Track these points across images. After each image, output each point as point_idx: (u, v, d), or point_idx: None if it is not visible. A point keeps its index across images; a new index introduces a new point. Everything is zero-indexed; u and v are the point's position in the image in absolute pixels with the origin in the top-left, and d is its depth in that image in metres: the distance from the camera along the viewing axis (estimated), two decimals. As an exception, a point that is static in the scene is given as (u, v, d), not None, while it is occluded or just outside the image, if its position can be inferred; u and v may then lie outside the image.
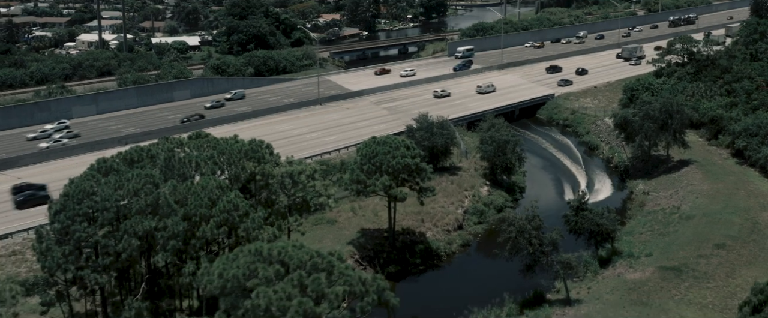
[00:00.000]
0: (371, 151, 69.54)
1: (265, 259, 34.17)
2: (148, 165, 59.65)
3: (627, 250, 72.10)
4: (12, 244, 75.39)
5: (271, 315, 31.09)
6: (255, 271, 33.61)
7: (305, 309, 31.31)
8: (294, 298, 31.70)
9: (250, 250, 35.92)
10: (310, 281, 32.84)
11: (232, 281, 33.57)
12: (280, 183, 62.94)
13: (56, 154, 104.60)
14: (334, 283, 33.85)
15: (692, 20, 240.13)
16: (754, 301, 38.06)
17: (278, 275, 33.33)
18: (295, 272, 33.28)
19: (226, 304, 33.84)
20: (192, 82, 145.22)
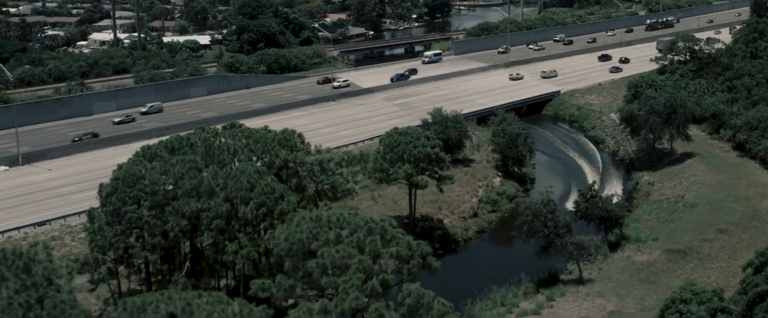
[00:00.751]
0: (393, 141, 73.67)
1: (325, 225, 38.30)
2: (188, 152, 63.74)
3: (634, 235, 76.22)
4: (50, 230, 79.50)
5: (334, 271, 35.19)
6: (317, 235, 37.67)
7: (364, 266, 35.35)
8: (354, 257, 35.83)
9: (310, 217, 40.04)
10: (368, 242, 36.94)
11: (297, 244, 37.62)
12: (309, 170, 67.04)
13: (82, 148, 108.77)
14: (387, 244, 37.95)
15: (671, 23, 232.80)
16: (756, 263, 42.05)
17: (338, 238, 37.42)
18: (354, 235, 37.42)
19: (291, 265, 37.92)
20: (207, 79, 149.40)
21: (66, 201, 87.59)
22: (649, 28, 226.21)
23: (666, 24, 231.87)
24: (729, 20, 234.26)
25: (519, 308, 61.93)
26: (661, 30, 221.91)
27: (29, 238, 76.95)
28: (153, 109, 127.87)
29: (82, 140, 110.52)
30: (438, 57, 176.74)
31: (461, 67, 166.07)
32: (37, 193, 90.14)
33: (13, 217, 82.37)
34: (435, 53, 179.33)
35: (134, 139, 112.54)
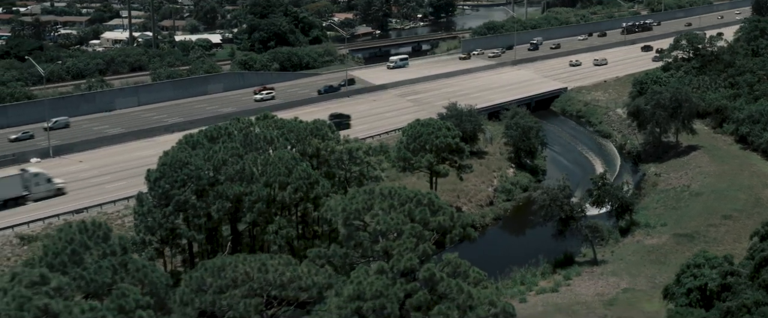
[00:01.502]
0: (416, 132, 77.90)
1: (378, 196, 42.43)
2: (226, 141, 67.86)
3: (644, 221, 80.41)
4: (88, 217, 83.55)
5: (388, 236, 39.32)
6: (371, 205, 41.77)
7: (417, 232, 39.44)
8: (406, 224, 39.92)
9: (364, 190, 44.15)
10: (418, 212, 41.08)
11: (353, 214, 41.75)
12: (339, 158, 71.22)
13: (108, 141, 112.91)
14: (435, 213, 42.07)
15: (648, 26, 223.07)
16: (762, 232, 46.07)
17: (391, 207, 41.53)
18: (405, 205, 41.56)
19: (346, 233, 42.03)
20: (224, 76, 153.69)
21: (100, 190, 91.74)
22: (625, 31, 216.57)
23: (644, 27, 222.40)
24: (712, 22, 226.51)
25: (538, 286, 66.08)
26: (638, 33, 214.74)
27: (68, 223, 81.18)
28: (58, 125, 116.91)
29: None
30: (404, 61, 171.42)
31: (469, 65, 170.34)
32: (72, 183, 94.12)
33: (52, 206, 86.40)
34: (401, 58, 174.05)
35: (158, 132, 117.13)
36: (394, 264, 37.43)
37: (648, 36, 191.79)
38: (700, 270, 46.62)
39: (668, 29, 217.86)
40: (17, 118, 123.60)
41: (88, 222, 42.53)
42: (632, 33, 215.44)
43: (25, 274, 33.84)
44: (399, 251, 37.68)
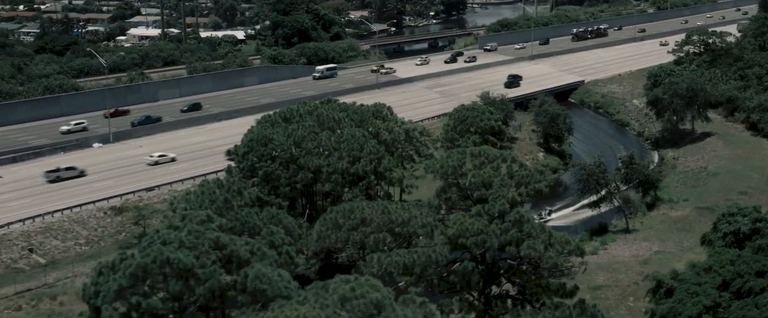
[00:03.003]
0: (462, 116, 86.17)
1: (469, 156, 50.57)
2: (298, 121, 76.05)
3: (667, 197, 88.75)
4: (160, 193, 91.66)
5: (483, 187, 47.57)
6: (464, 163, 49.89)
7: (505, 183, 47.60)
8: (496, 177, 48.01)
9: (458, 151, 52.34)
10: (505, 167, 49.24)
11: (450, 169, 49.87)
12: (396, 137, 79.48)
13: (162, 128, 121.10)
14: (521, 168, 50.26)
15: (603, 32, 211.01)
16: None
17: (482, 164, 49.62)
18: (494, 162, 49.64)
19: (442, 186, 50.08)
20: (258, 69, 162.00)
21: (164, 170, 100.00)
22: (576, 38, 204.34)
23: (597, 33, 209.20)
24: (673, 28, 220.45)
25: (578, 251, 74.28)
26: (591, 39, 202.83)
27: (144, 200, 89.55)
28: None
29: None
30: (331, 72, 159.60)
31: (487, 60, 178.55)
32: (137, 165, 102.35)
33: (123, 185, 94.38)
34: (328, 67, 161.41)
35: (205, 121, 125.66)
36: (489, 208, 45.59)
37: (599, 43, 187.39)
38: (734, 217, 54.84)
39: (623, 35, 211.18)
40: (69, 107, 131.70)
41: (223, 179, 50.66)
42: (583, 39, 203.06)
43: (194, 215, 41.94)
44: (493, 198, 45.86)
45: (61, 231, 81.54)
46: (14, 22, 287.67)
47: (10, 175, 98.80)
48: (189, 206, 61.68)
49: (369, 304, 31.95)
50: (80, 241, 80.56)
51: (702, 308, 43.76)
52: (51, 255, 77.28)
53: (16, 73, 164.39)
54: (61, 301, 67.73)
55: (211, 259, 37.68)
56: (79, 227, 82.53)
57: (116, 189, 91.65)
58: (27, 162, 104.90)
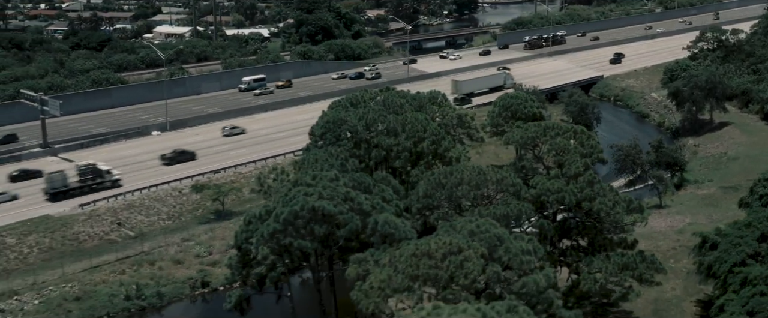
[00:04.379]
0: (506, 103, 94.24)
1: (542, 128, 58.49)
2: (363, 105, 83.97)
3: (693, 178, 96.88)
4: (226, 175, 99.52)
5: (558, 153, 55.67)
6: (538, 136, 57.88)
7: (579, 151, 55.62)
8: (570, 145, 56.10)
9: (534, 125, 60.37)
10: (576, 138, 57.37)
11: (528, 139, 57.95)
12: (450, 122, 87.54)
13: (213, 118, 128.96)
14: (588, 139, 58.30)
15: (560, 40, 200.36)
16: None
17: (557, 135, 57.66)
18: (566, 133, 57.75)
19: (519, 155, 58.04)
20: (291, 64, 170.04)
21: (224, 156, 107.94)
22: (529, 46, 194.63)
23: (555, 41, 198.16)
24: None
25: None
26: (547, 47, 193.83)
27: (212, 180, 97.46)
28: None
29: None
30: (260, 83, 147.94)
31: (507, 57, 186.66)
32: (202, 150, 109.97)
33: (188, 169, 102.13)
34: (255, 79, 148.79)
35: (252, 111, 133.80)
36: (565, 171, 53.59)
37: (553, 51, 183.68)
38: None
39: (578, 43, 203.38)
40: (119, 99, 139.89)
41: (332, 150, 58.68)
42: (537, 47, 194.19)
43: (324, 175, 49.96)
44: (568, 162, 53.87)
45: (143, 207, 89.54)
46: (39, 20, 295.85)
47: (82, 160, 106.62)
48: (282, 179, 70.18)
49: (492, 237, 39.94)
50: (162, 216, 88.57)
51: (745, 255, 51.62)
52: (138, 228, 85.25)
53: (59, 68, 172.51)
54: (159, 266, 75.79)
55: (346, 208, 45.68)
56: (158, 204, 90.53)
57: (185, 171, 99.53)
58: (94, 148, 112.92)
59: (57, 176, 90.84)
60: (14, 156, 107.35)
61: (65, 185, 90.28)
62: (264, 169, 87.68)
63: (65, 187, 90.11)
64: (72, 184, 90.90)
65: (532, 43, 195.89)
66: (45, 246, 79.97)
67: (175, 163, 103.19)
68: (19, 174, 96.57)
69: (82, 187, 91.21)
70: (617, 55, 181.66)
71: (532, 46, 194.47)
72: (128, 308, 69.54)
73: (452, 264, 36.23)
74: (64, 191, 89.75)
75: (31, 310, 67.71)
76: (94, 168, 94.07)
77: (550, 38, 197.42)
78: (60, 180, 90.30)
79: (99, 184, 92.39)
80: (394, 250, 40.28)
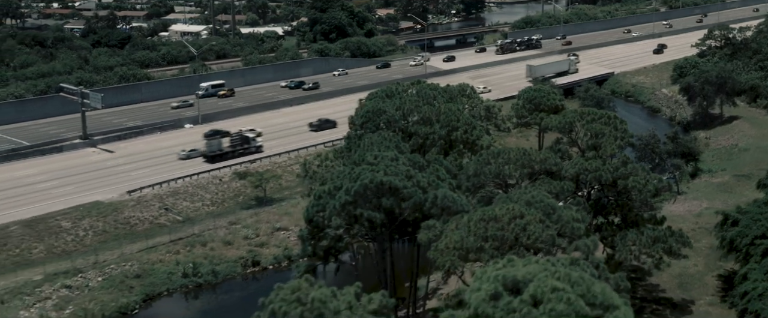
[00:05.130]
0: (530, 96, 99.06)
1: (579, 114, 63.65)
2: (397, 97, 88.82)
3: (706, 168, 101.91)
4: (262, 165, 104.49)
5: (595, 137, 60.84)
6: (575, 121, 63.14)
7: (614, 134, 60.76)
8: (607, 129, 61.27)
9: (572, 111, 65.39)
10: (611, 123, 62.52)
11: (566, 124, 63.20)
12: (478, 113, 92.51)
13: (241, 112, 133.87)
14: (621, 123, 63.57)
15: (535, 44, 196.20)
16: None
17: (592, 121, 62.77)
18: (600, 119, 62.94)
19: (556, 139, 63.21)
20: (311, 61, 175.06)
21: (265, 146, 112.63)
22: (502, 50, 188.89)
23: (529, 45, 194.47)
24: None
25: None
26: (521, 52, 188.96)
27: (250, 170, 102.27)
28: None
29: None
30: (216, 89, 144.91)
31: (522, 54, 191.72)
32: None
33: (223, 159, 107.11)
34: (213, 85, 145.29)
35: (280, 106, 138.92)
36: (601, 152, 58.67)
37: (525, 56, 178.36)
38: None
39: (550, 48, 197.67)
40: (148, 94, 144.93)
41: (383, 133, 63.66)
42: (510, 51, 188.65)
43: (385, 155, 54.93)
44: (604, 144, 58.99)
45: (187, 194, 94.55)
46: (53, 19, 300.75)
47: (121, 151, 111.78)
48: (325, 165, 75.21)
49: (546, 206, 44.97)
50: (206, 202, 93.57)
51: (765, 229, 56.62)
52: (185, 213, 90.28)
53: (83, 64, 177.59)
54: (210, 247, 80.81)
55: (409, 183, 50.72)
56: (201, 191, 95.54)
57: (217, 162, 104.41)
58: (131, 140, 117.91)
59: (214, 142, 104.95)
60: (56, 147, 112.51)
61: (220, 149, 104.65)
62: (308, 157, 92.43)
63: (220, 151, 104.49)
64: (225, 149, 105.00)
65: (504, 47, 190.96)
66: (99, 229, 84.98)
67: (321, 130, 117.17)
68: (212, 134, 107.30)
69: (233, 151, 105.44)
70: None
71: (504, 50, 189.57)
72: (186, 285, 74.56)
73: (517, 227, 41.18)
74: (220, 154, 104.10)
75: (95, 286, 72.65)
76: (242, 136, 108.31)
77: (524, 42, 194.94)
78: (216, 145, 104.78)
79: (245, 150, 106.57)
80: (459, 217, 45.23)
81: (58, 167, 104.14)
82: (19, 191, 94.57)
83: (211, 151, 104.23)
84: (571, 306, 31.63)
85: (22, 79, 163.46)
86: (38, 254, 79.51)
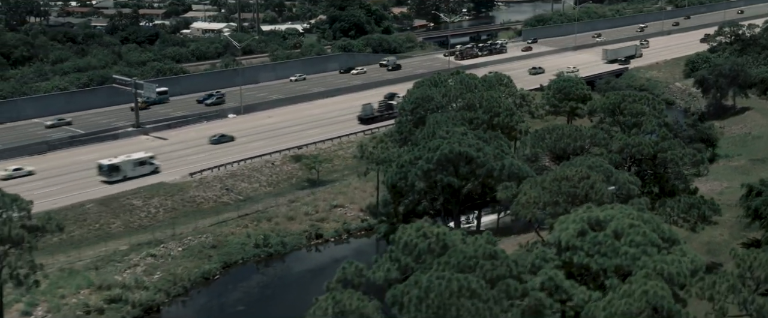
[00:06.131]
0: (559, 86, 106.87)
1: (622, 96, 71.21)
2: (442, 85, 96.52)
3: (723, 153, 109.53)
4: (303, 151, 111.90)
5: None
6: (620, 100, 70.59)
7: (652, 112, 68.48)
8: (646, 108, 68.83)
9: (613, 93, 72.92)
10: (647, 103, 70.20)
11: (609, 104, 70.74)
12: (514, 101, 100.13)
13: (278, 103, 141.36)
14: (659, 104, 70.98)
15: (501, 49, 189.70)
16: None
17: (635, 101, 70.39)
18: (642, 100, 70.38)
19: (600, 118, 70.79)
20: (339, 56, 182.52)
21: (300, 135, 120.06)
22: (460, 55, 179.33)
23: (492, 50, 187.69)
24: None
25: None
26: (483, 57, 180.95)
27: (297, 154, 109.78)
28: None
29: None
30: (163, 97, 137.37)
31: (535, 50, 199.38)
32: (277, 130, 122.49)
33: (270, 146, 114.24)
34: (159, 92, 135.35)
35: (313, 98, 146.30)
36: (644, 128, 66.33)
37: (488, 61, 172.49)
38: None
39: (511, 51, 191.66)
40: (187, 87, 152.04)
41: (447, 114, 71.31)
42: (470, 57, 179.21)
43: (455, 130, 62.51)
44: (645, 122, 66.59)
45: (243, 176, 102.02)
46: (75, 17, 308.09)
47: (173, 138, 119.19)
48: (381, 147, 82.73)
49: (606, 170, 52.58)
50: (263, 183, 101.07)
51: (788, 198, 64.21)
52: (245, 193, 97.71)
53: (117, 60, 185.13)
54: (275, 222, 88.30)
55: (480, 154, 58.32)
56: (257, 174, 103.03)
57: (266, 148, 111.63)
58: (180, 128, 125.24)
59: (368, 107, 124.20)
60: (112, 134, 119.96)
61: (372, 114, 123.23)
62: (365, 139, 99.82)
63: (372, 115, 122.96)
64: (376, 113, 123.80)
65: (463, 53, 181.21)
66: (168, 207, 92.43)
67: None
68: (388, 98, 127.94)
69: (381, 115, 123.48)
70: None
71: (463, 56, 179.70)
72: (258, 254, 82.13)
73: (586, 185, 48.73)
74: (372, 118, 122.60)
75: (177, 255, 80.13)
76: (387, 103, 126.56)
77: (486, 47, 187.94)
78: (369, 110, 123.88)
79: (390, 114, 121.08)
80: (532, 179, 52.86)
81: (117, 152, 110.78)
82: (85, 174, 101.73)
83: (366, 114, 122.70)
84: (646, 237, 39.38)
85: (60, 74, 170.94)
86: (117, 228, 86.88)
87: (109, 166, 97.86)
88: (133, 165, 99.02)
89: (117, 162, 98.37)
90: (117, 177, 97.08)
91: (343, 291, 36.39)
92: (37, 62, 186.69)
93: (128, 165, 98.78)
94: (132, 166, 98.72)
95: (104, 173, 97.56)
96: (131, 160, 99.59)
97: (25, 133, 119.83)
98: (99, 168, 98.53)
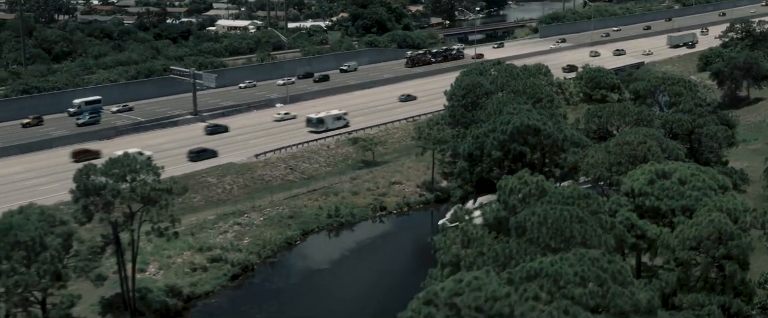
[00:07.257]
0: (591, 75, 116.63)
1: (660, 79, 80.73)
2: (488, 74, 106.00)
3: (740, 137, 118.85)
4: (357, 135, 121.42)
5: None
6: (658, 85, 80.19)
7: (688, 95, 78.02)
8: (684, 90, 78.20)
9: (656, 76, 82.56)
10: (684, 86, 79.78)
11: (650, 86, 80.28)
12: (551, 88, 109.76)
13: (321, 94, 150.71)
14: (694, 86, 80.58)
15: (455, 54, 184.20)
16: None
17: (673, 84, 79.97)
18: (679, 83, 79.95)
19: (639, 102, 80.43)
20: (368, 52, 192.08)
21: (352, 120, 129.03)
22: (410, 62, 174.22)
23: (447, 56, 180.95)
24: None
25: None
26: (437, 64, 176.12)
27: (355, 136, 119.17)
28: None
29: None
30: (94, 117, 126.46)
31: (552, 46, 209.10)
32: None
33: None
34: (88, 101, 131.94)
35: (355, 88, 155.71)
36: (682, 107, 75.96)
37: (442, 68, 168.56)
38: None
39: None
40: (230, 79, 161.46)
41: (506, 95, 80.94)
42: (422, 64, 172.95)
43: (520, 108, 71.97)
44: (683, 102, 76.21)
45: (303, 158, 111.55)
46: (102, 15, 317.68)
47: (230, 124, 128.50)
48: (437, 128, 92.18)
49: (659, 138, 62.13)
50: (322, 164, 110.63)
51: (809, 168, 73.64)
52: (307, 173, 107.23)
53: (156, 55, 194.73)
54: (341, 196, 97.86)
55: (548, 126, 67.90)
56: (315, 155, 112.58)
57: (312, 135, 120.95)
58: (233, 116, 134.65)
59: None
60: (172, 121, 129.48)
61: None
62: (421, 123, 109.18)
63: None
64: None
65: (414, 59, 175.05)
66: (241, 184, 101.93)
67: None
68: None
69: None
70: None
71: (414, 62, 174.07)
72: (331, 223, 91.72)
73: (644, 148, 58.29)
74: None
75: (259, 224, 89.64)
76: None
77: (440, 53, 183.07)
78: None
79: None
80: (596, 145, 62.46)
81: (182, 137, 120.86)
82: (158, 156, 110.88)
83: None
84: (706, 183, 48.97)
85: (103, 68, 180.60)
86: (198, 202, 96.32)
87: (317, 119, 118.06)
88: (333, 119, 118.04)
89: (322, 116, 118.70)
90: (322, 128, 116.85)
91: (468, 223, 45.90)
92: (78, 57, 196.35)
93: (330, 119, 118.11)
94: (332, 120, 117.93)
95: (312, 125, 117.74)
96: (331, 115, 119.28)
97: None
98: (307, 121, 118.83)
